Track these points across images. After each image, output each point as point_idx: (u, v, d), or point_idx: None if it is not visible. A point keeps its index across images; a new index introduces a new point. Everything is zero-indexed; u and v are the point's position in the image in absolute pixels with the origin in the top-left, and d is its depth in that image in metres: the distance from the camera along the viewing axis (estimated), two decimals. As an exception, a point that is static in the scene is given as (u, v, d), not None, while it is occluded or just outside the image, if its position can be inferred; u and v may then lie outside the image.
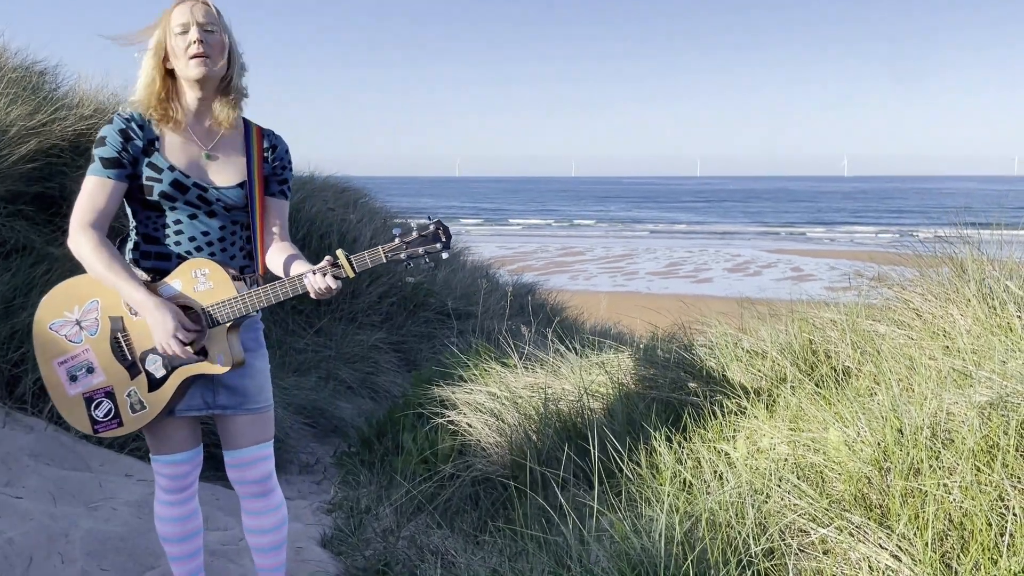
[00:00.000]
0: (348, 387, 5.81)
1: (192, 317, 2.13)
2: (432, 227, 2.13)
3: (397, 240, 2.11)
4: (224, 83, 2.22)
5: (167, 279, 2.15)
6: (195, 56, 2.11)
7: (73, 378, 2.18)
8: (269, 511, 2.39)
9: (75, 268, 2.23)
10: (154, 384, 2.15)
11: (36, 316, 2.22)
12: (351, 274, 2.08)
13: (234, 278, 2.15)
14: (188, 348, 2.10)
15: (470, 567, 2.73)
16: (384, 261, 2.10)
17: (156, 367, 2.14)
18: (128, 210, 2.25)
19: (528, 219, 64.38)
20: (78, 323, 2.18)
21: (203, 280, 2.13)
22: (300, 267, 2.17)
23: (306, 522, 3.44)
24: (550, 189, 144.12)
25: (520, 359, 4.10)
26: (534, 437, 3.36)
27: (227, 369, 2.13)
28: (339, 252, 2.07)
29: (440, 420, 3.75)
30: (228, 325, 2.13)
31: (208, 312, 2.12)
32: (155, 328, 2.08)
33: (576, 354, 4.09)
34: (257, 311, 2.15)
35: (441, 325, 7.03)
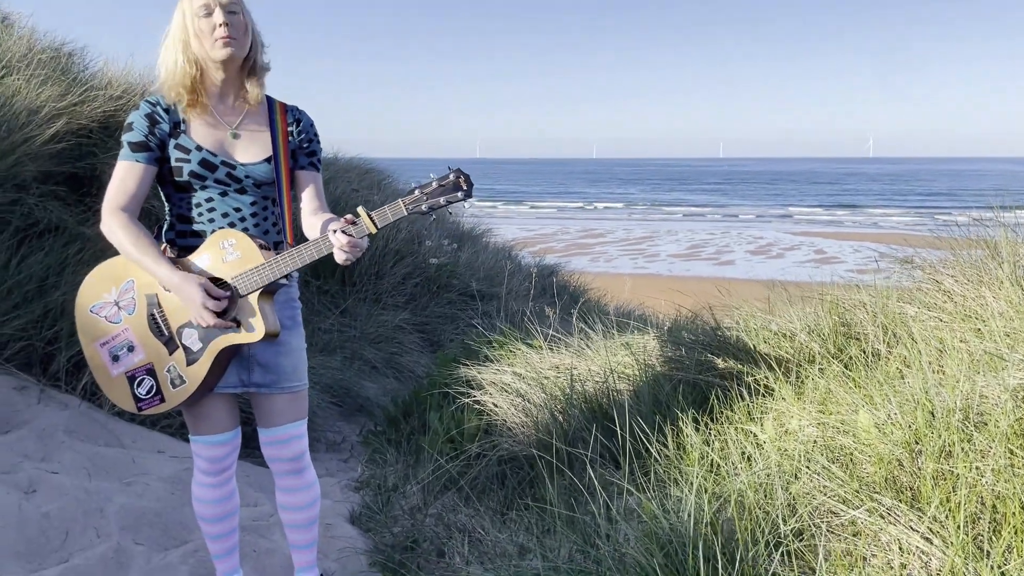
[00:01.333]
0: (373, 367, 5.85)
1: (222, 287, 2.16)
2: (452, 176, 2.10)
3: (417, 192, 2.10)
4: (248, 62, 2.25)
5: (195, 254, 2.19)
6: (221, 39, 2.14)
7: (115, 358, 2.22)
8: (303, 488, 2.43)
9: (107, 248, 2.26)
10: (191, 358, 2.18)
11: (77, 301, 2.27)
12: (373, 229, 2.07)
13: (261, 247, 2.17)
14: (220, 318, 2.12)
15: (497, 544, 2.76)
16: (405, 214, 2.08)
17: (192, 340, 2.17)
18: (162, 194, 2.29)
19: (548, 201, 64.23)
20: (116, 303, 2.22)
21: (231, 250, 2.16)
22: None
23: (335, 499, 3.49)
24: (571, 171, 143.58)
25: (545, 340, 4.11)
26: (560, 417, 3.38)
27: (260, 336, 2.14)
28: (359, 209, 2.08)
29: (466, 400, 3.78)
30: (258, 293, 2.15)
31: (236, 281, 2.15)
32: (185, 303, 2.12)
33: (601, 335, 4.09)
34: (287, 277, 2.17)
35: (464, 306, 7.05)
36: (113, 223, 2.14)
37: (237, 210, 2.24)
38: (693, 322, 4.26)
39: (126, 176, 2.16)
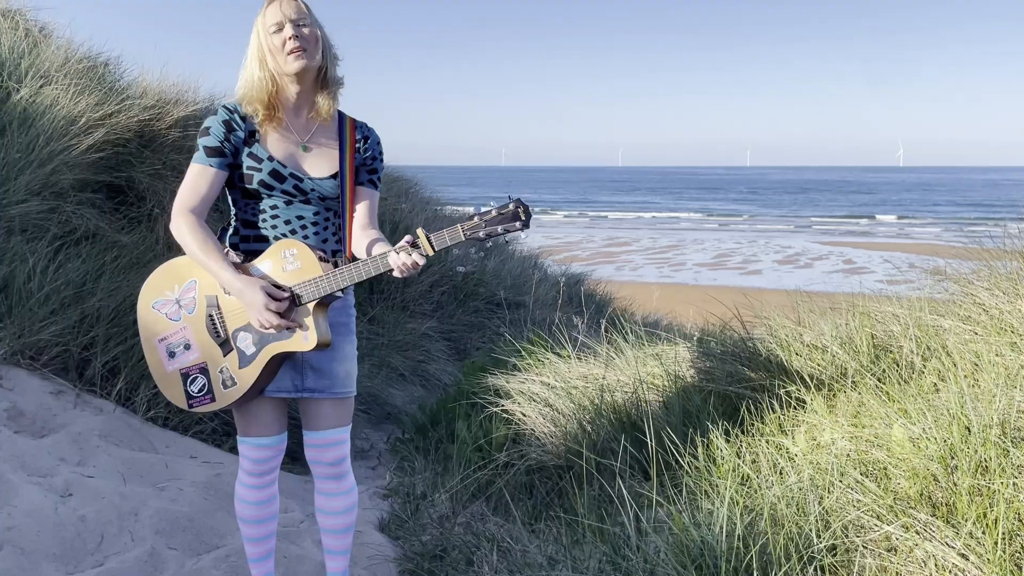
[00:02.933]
0: (400, 374, 5.88)
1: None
2: (512, 206, 2.15)
3: (476, 219, 2.14)
4: (321, 74, 2.31)
5: (258, 260, 2.26)
6: (292, 51, 2.20)
7: (171, 355, 2.30)
8: (341, 493, 2.47)
9: (142, 256, 2.32)
10: (244, 361, 2.24)
11: (140, 296, 2.36)
12: (430, 252, 2.11)
13: (321, 259, 2.21)
14: (284, 321, 2.17)
15: (526, 554, 2.76)
16: (463, 239, 2.12)
17: (247, 344, 2.23)
18: (229, 198, 2.37)
19: (574, 209, 64.16)
20: (177, 302, 2.30)
21: (291, 260, 2.21)
22: (382, 248, 2.25)
23: (363, 506, 3.51)
24: (597, 179, 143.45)
25: (573, 349, 4.11)
26: (589, 428, 3.37)
27: (312, 346, 2.19)
28: (419, 231, 2.12)
29: (494, 409, 3.78)
30: (314, 304, 2.19)
31: (295, 290, 2.19)
32: (248, 306, 2.17)
33: (630, 345, 4.08)
34: (343, 290, 2.21)
35: (491, 315, 7.06)
36: (182, 223, 2.21)
37: (300, 219, 2.31)
38: (722, 332, 4.24)
39: (198, 179, 2.24)
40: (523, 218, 2.15)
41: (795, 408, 3.03)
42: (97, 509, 2.97)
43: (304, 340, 2.19)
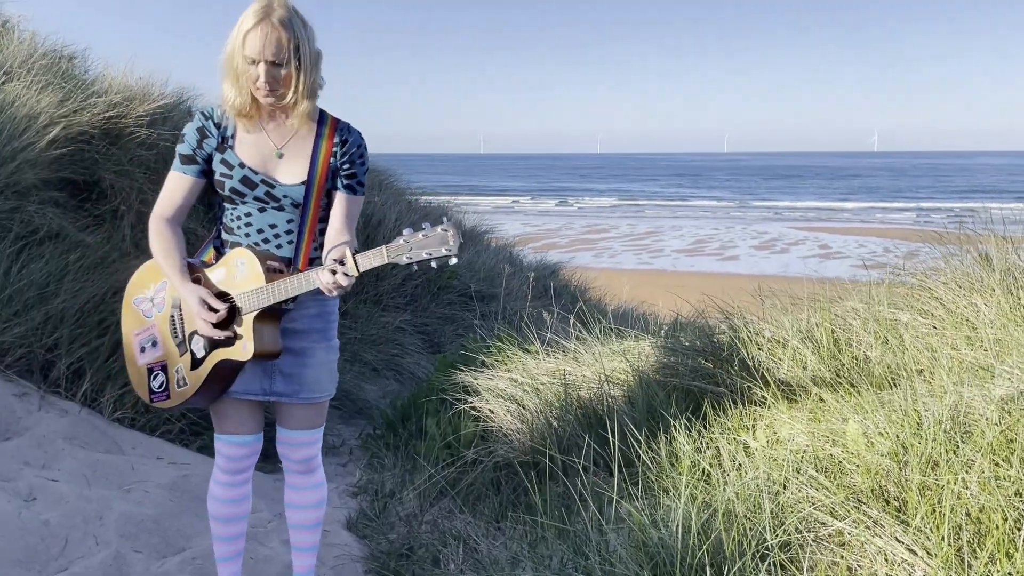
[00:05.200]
0: (373, 369, 5.88)
1: (227, 302, 2.24)
2: (440, 230, 2.04)
3: (402, 241, 2.06)
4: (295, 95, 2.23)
5: (214, 267, 2.30)
6: (262, 90, 2.17)
7: (142, 349, 2.39)
8: (311, 487, 2.51)
9: (106, 255, 2.35)
10: (195, 363, 2.29)
11: (126, 290, 2.46)
12: (355, 272, 2.08)
13: (269, 270, 2.21)
14: (217, 331, 2.21)
15: (491, 553, 2.79)
16: (386, 262, 2.06)
17: (199, 347, 2.28)
18: (215, 202, 2.39)
19: (553, 196, 64.19)
20: (151, 300, 2.38)
21: (240, 268, 2.24)
22: (333, 257, 2.22)
23: (332, 505, 3.52)
24: (576, 166, 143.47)
25: (542, 345, 4.14)
26: (555, 424, 3.41)
27: (250, 356, 2.22)
28: (347, 251, 2.10)
29: (463, 406, 3.81)
30: (255, 315, 2.21)
31: (239, 299, 2.22)
32: (188, 310, 2.26)
33: (598, 340, 4.11)
34: (287, 302, 2.22)
35: (464, 307, 7.07)
36: (152, 229, 2.30)
37: (272, 226, 2.31)
38: (690, 325, 4.29)
39: (173, 187, 2.30)
40: (451, 244, 2.03)
41: (756, 404, 3.07)
42: (61, 513, 2.96)
43: (243, 350, 2.22)
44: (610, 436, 2.92)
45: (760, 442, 2.78)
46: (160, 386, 2.35)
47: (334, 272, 2.08)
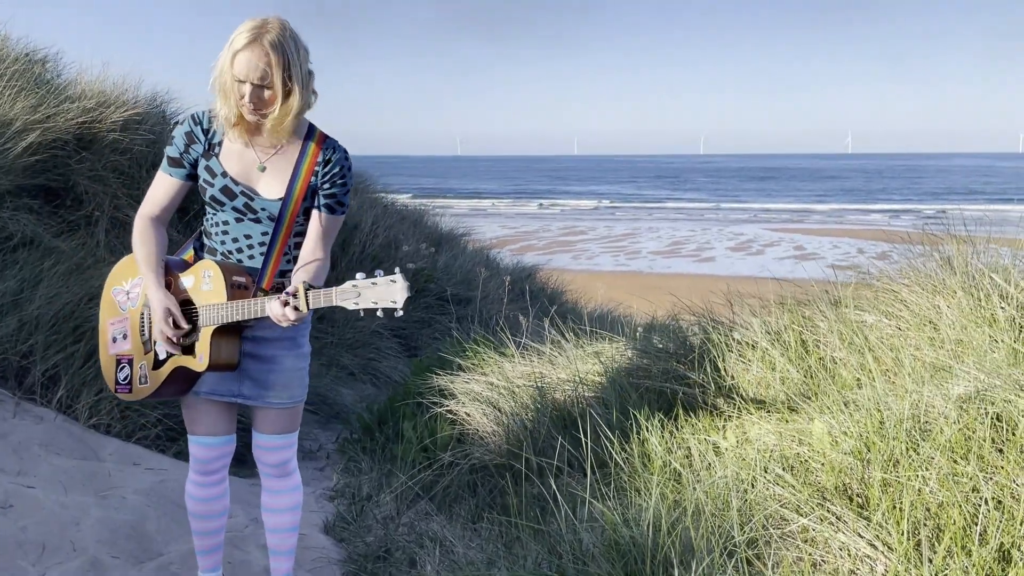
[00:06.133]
0: (350, 373, 5.90)
1: (189, 313, 2.29)
2: (390, 280, 2.04)
3: (350, 286, 2.06)
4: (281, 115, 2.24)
5: (185, 273, 2.33)
6: (247, 107, 2.18)
7: (114, 339, 2.43)
8: (285, 491, 2.55)
9: (81, 261, 2.37)
10: (157, 364, 2.34)
11: (107, 279, 2.49)
12: (305, 309, 2.08)
13: (233, 285, 2.24)
14: (171, 345, 2.27)
15: (467, 554, 2.83)
16: (334, 304, 2.06)
17: (160, 348, 2.33)
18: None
19: (530, 198, 64.30)
20: (127, 293, 2.42)
21: (207, 281, 2.27)
22: (296, 280, 2.25)
23: (310, 509, 3.54)
24: (553, 168, 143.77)
25: (517, 348, 4.19)
26: (530, 426, 3.46)
27: (204, 367, 2.26)
28: (300, 285, 2.09)
29: (439, 409, 3.84)
30: (212, 329, 2.25)
31: (201, 311, 2.27)
32: (155, 319, 2.28)
33: (573, 343, 4.17)
34: (239, 321, 2.23)
35: (440, 311, 7.11)
36: (137, 227, 2.33)
37: (247, 237, 2.33)
38: (664, 327, 4.35)
39: (158, 187, 2.35)
40: (398, 297, 2.02)
41: (727, 404, 3.14)
42: (38, 520, 2.96)
43: (199, 361, 2.26)
44: (583, 438, 2.97)
45: (730, 442, 2.85)
46: (124, 379, 2.40)
47: (286, 304, 2.10)
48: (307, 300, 2.08)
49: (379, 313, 2.05)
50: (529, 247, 31.47)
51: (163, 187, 2.34)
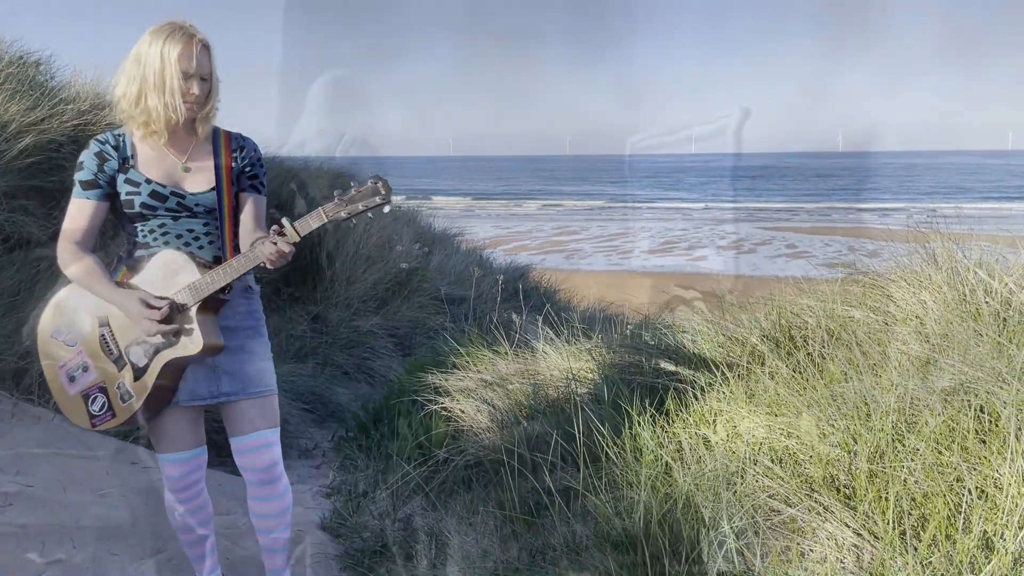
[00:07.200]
0: (344, 372, 5.93)
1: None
2: (370, 182, 2.24)
3: (336, 199, 2.23)
4: (211, 108, 2.38)
5: (138, 275, 2.31)
6: (187, 104, 2.28)
7: (72, 379, 2.35)
8: (275, 497, 2.52)
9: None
10: (138, 373, 2.30)
11: (39, 328, 2.39)
12: (296, 238, 2.21)
13: (200, 264, 2.29)
14: (164, 326, 2.24)
15: (463, 548, 2.87)
16: (326, 220, 2.22)
17: (139, 357, 2.30)
18: (120, 224, 2.41)
19: (523, 198, 64.33)
20: (68, 328, 2.35)
21: (171, 267, 2.29)
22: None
23: (306, 506, 3.58)
24: (546, 168, 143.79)
25: (511, 346, 4.23)
26: (524, 422, 3.50)
27: (199, 348, 2.26)
28: (283, 220, 2.22)
29: (434, 407, 3.89)
30: (197, 308, 2.27)
31: (176, 298, 2.27)
32: (130, 317, 2.26)
33: (565, 340, 4.22)
34: (225, 290, 2.30)
35: (435, 310, 7.15)
36: (64, 255, 2.30)
37: (190, 231, 2.37)
38: (655, 325, 4.41)
39: (77, 213, 2.30)
40: (383, 192, 2.23)
41: (717, 399, 3.19)
42: (37, 518, 2.99)
43: (191, 344, 2.27)
44: (576, 433, 3.02)
45: (720, 436, 2.90)
46: (101, 407, 2.33)
47: (275, 244, 2.19)
48: (296, 230, 2.21)
49: (369, 215, 2.23)
50: (522, 247, 31.49)
51: (82, 212, 2.30)
